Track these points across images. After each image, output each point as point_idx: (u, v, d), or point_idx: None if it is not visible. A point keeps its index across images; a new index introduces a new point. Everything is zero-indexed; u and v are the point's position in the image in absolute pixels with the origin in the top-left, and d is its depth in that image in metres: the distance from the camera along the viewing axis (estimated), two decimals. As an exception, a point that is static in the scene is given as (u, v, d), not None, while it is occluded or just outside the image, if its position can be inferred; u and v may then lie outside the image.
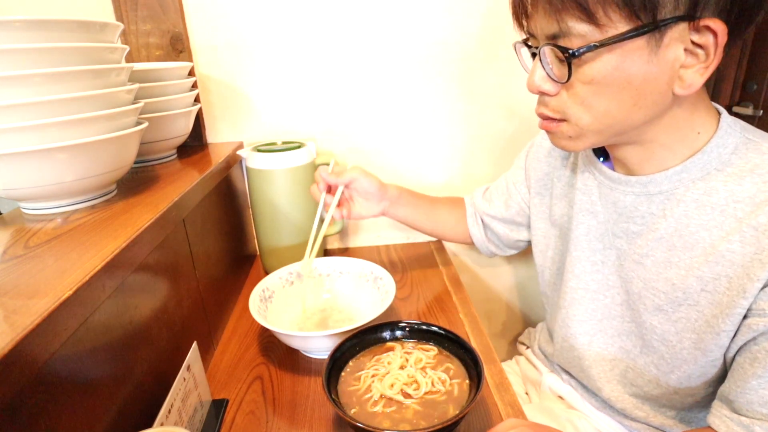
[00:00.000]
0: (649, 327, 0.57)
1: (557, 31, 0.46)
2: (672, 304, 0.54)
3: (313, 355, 0.69)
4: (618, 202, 0.58)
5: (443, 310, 0.81)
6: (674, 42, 0.44)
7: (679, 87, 0.46)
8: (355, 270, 0.81)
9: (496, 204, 0.81)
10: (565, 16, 0.44)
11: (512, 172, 0.80)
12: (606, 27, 0.43)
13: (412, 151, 1.00)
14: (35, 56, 0.47)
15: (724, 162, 0.50)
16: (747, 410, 0.48)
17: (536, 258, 0.75)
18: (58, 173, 0.51)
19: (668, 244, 0.54)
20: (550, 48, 0.47)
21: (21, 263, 0.42)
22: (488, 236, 0.84)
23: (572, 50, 0.45)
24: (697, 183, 0.51)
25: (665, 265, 0.54)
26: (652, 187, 0.54)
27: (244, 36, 0.88)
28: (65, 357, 0.38)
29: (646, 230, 0.56)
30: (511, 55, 0.92)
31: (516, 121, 0.99)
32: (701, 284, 0.51)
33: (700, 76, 0.45)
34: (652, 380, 0.59)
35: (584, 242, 0.63)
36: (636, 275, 0.57)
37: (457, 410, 0.52)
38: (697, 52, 0.44)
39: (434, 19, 0.90)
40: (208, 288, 0.72)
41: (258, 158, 0.85)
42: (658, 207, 0.54)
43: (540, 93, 0.52)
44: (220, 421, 0.58)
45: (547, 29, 0.47)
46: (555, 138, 0.55)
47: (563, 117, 0.51)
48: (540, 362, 0.80)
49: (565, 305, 0.67)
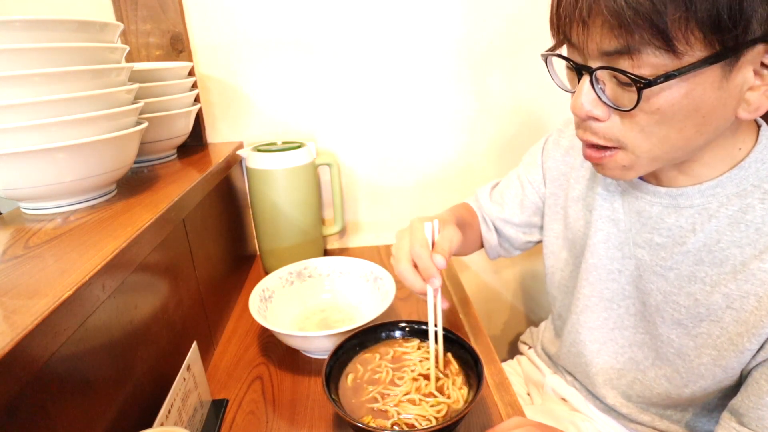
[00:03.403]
0: (666, 340, 0.56)
1: (620, 49, 0.40)
2: (693, 319, 0.52)
3: (313, 355, 0.69)
4: (643, 211, 0.56)
5: (443, 309, 0.80)
6: (746, 65, 0.40)
7: (744, 111, 0.43)
8: (355, 270, 0.81)
9: (509, 206, 0.76)
10: (634, 35, 0.38)
11: (526, 169, 0.75)
12: (682, 53, 0.38)
13: (412, 152, 1.00)
14: (35, 56, 0.47)
15: (762, 178, 0.48)
16: (757, 426, 0.47)
17: (546, 259, 0.73)
18: (58, 173, 0.51)
19: (695, 258, 0.52)
20: (610, 72, 0.42)
21: (21, 263, 0.42)
22: (500, 242, 0.79)
23: (646, 79, 0.39)
24: (732, 199, 0.49)
25: (689, 279, 0.52)
26: (683, 200, 0.52)
27: (244, 35, 0.88)
28: (65, 357, 0.38)
29: (672, 243, 0.53)
30: (516, 53, 0.94)
31: (517, 121, 0.99)
32: (727, 301, 0.49)
33: (767, 98, 0.42)
34: (662, 393, 0.58)
35: (602, 250, 0.61)
36: (656, 287, 0.56)
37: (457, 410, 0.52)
38: (764, 73, 0.41)
39: (435, 19, 0.90)
40: (208, 288, 0.72)
41: (258, 158, 0.85)
42: (687, 220, 0.52)
43: (588, 118, 0.46)
44: (220, 421, 0.58)
45: (605, 45, 0.41)
46: (606, 169, 0.50)
47: (617, 145, 0.47)
48: (542, 363, 0.80)
49: (577, 311, 0.65)
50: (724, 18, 0.37)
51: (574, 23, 0.42)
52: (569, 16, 0.42)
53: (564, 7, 0.43)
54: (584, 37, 0.42)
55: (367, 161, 1.00)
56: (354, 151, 0.99)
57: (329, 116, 0.95)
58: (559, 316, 0.74)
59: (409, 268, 0.55)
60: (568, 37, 0.44)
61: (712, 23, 0.37)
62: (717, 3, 0.36)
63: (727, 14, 0.36)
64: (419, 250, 0.54)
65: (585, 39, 0.42)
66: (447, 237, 0.55)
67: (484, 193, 0.80)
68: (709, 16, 0.36)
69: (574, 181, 0.66)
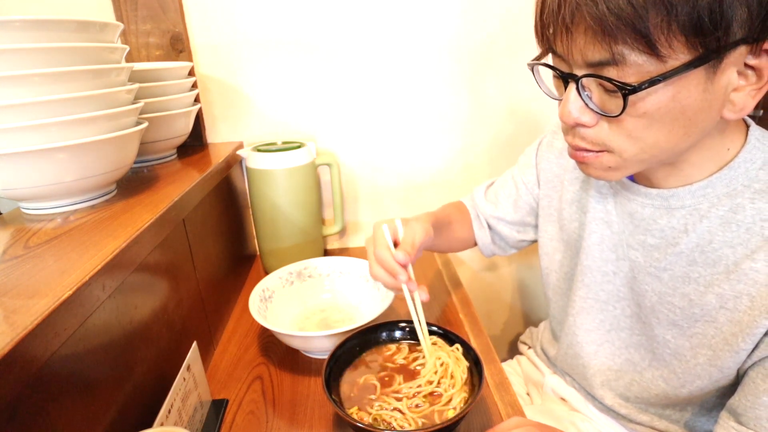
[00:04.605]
0: (662, 341, 0.56)
1: (606, 59, 0.40)
2: (688, 319, 0.53)
3: (313, 355, 0.69)
4: (635, 213, 0.56)
5: (443, 310, 0.81)
6: (729, 66, 0.41)
7: (729, 111, 0.43)
8: (355, 270, 0.81)
9: (503, 205, 0.77)
10: (618, 42, 0.39)
11: (521, 170, 0.76)
12: (666, 57, 0.39)
13: (412, 152, 1.00)
14: (35, 56, 0.47)
15: (752, 178, 0.48)
16: (755, 425, 0.47)
17: (542, 260, 0.73)
18: (58, 173, 0.51)
19: (688, 259, 0.52)
20: (596, 79, 0.43)
21: (21, 263, 0.42)
22: (494, 239, 0.80)
23: (631, 85, 0.40)
24: (722, 199, 0.49)
25: (683, 280, 0.53)
26: (674, 201, 0.52)
27: (244, 35, 0.88)
28: (65, 357, 0.38)
29: (665, 244, 0.54)
30: (514, 53, 0.94)
31: (515, 120, 0.99)
32: (720, 301, 0.50)
33: (752, 98, 0.42)
34: (660, 394, 0.58)
35: (596, 251, 0.61)
36: (650, 288, 0.56)
37: (456, 410, 0.52)
38: (747, 74, 0.42)
39: (433, 19, 0.90)
40: (208, 288, 0.72)
41: (258, 158, 0.85)
42: (680, 221, 0.52)
43: (576, 125, 0.47)
44: (220, 421, 0.58)
45: (591, 55, 0.41)
46: (590, 169, 0.50)
47: (604, 149, 0.47)
48: (542, 363, 0.80)
49: (573, 313, 0.66)
50: (705, 21, 0.37)
51: (557, 32, 0.43)
52: (552, 25, 0.43)
53: (547, 15, 0.43)
54: (568, 45, 0.43)
55: (367, 161, 1.00)
56: (354, 151, 0.99)
57: (329, 116, 0.95)
58: (555, 318, 0.75)
59: (380, 271, 0.59)
60: (553, 47, 0.45)
61: (694, 26, 0.37)
62: (697, 6, 0.36)
63: (707, 17, 0.37)
64: (380, 252, 0.58)
65: (569, 48, 0.43)
66: (410, 234, 0.59)
67: (480, 191, 0.81)
68: (690, 20, 0.37)
69: (568, 183, 0.67)
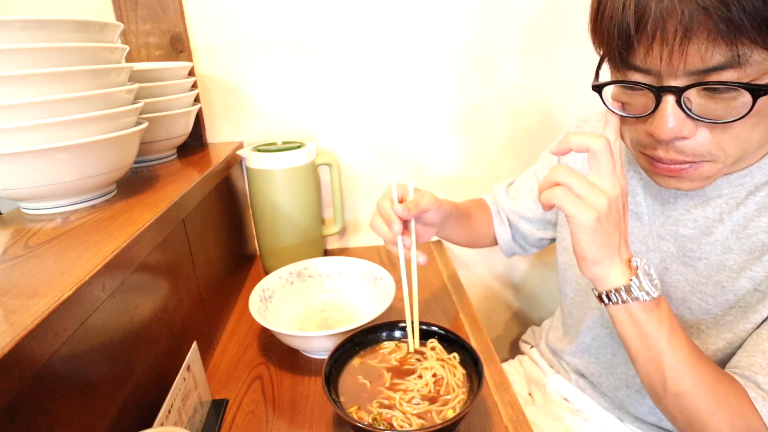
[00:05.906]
0: (695, 332, 0.55)
1: (723, 62, 0.38)
2: (721, 306, 0.52)
3: (313, 355, 0.69)
4: (667, 204, 0.55)
5: (443, 310, 0.81)
6: None
7: None
8: (355, 270, 0.81)
9: (524, 201, 0.76)
10: (744, 43, 0.37)
11: (543, 166, 0.75)
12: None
13: (412, 152, 1.00)
14: (35, 56, 0.47)
15: None
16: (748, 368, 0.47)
17: (559, 255, 0.73)
18: (58, 173, 0.51)
19: (723, 246, 0.51)
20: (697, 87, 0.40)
21: (21, 263, 0.42)
22: (514, 237, 0.79)
23: (760, 85, 0.38)
24: (760, 187, 0.49)
25: (718, 268, 0.52)
26: (711, 190, 0.51)
27: (244, 35, 0.88)
28: (65, 357, 0.38)
29: (698, 234, 0.53)
30: (524, 52, 0.93)
31: (515, 122, 0.99)
32: (753, 284, 0.49)
33: None
34: None
35: None
36: (683, 278, 0.55)
37: (456, 410, 0.52)
38: None
39: (439, 17, 0.89)
40: (208, 288, 0.72)
41: (258, 158, 0.85)
42: (715, 210, 0.51)
43: (675, 139, 0.44)
44: (220, 421, 0.58)
45: (704, 61, 0.38)
46: (684, 182, 0.47)
47: (704, 159, 0.44)
48: (545, 362, 0.80)
49: (596, 308, 0.65)
50: None
51: (655, 44, 0.40)
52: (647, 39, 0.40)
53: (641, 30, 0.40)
54: (669, 56, 0.39)
55: (367, 161, 1.00)
56: (354, 152, 0.99)
57: (329, 116, 0.95)
58: (571, 315, 0.73)
59: (378, 221, 0.61)
60: (635, 63, 0.42)
61: None
62: None
63: None
64: (381, 202, 0.61)
65: (669, 58, 0.39)
66: (417, 195, 0.62)
67: (501, 188, 0.82)
68: None
69: None
